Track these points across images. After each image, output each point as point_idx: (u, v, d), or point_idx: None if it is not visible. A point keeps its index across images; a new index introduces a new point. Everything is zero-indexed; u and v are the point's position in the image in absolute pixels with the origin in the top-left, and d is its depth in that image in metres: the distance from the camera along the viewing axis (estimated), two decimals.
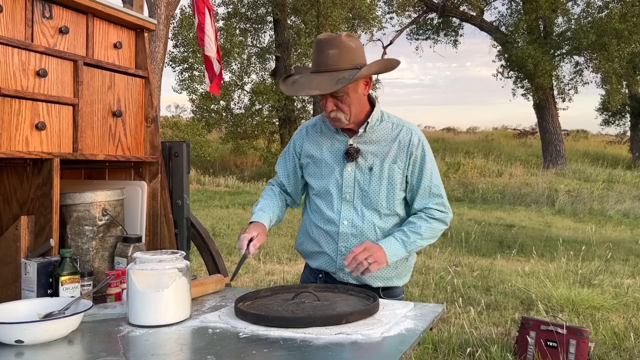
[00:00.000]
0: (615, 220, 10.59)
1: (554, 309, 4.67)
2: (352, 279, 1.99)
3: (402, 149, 1.96)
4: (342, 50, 1.84)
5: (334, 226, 1.99)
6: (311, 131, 2.09)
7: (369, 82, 1.94)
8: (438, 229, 1.97)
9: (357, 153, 1.96)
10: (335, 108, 1.90)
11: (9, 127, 1.79)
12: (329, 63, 1.84)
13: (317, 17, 17.65)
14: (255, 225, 1.95)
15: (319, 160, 2.03)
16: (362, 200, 1.97)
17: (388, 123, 2.00)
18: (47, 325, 1.45)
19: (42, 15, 1.91)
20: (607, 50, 16.61)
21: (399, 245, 1.90)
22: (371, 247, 1.85)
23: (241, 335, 1.51)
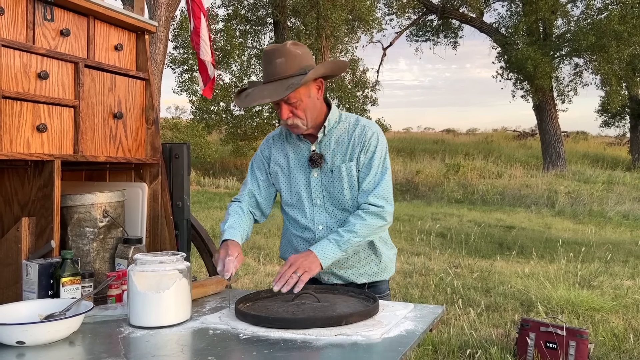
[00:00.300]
0: (614, 222, 10.60)
1: (553, 310, 4.68)
2: (335, 278, 2.03)
3: (356, 145, 1.97)
4: (288, 57, 1.87)
5: (310, 233, 2.02)
6: (277, 140, 2.10)
7: (321, 85, 1.95)
8: (374, 225, 1.92)
9: (321, 158, 1.98)
10: (291, 115, 1.91)
11: (10, 129, 1.79)
12: (277, 71, 1.87)
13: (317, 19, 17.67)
14: (233, 245, 1.86)
15: (286, 170, 2.06)
16: (332, 203, 2.00)
17: (345, 123, 2.02)
18: (48, 326, 1.45)
19: (43, 17, 1.92)
20: (607, 52, 16.62)
21: (332, 246, 1.86)
22: (296, 259, 1.81)
23: (242, 336, 1.51)
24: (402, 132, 32.29)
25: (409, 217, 10.55)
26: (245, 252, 7.20)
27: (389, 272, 2.11)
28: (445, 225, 9.44)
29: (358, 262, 2.03)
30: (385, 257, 2.08)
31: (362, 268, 2.04)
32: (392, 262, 2.13)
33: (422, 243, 8.03)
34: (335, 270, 2.02)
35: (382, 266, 2.08)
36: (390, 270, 2.12)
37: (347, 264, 2.02)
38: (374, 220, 1.92)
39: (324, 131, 1.99)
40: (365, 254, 2.04)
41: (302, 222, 2.04)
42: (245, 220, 2.02)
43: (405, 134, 30.12)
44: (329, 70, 1.95)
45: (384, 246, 2.09)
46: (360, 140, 1.97)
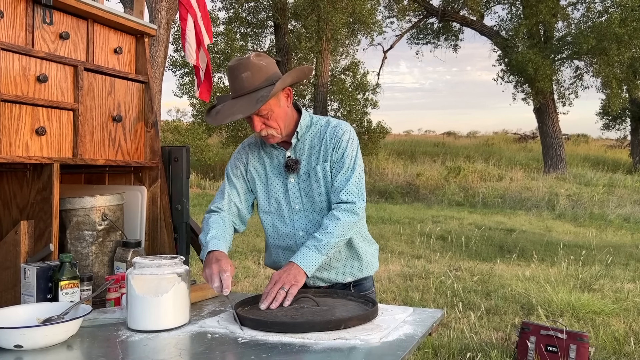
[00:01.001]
0: (615, 225, 10.59)
1: (554, 313, 4.67)
2: (320, 281, 2.04)
3: (329, 145, 1.98)
4: (253, 70, 1.87)
5: (291, 239, 2.02)
6: (253, 147, 2.10)
7: (290, 93, 1.96)
8: (348, 222, 1.91)
9: (296, 164, 1.99)
10: (264, 126, 1.92)
11: (9, 132, 1.79)
12: (244, 86, 1.87)
13: (318, 21, 17.68)
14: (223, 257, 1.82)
15: (263, 177, 2.06)
16: (311, 207, 2.00)
17: (317, 126, 2.04)
18: (46, 330, 1.45)
19: (42, 20, 1.92)
20: (607, 54, 16.63)
21: (312, 253, 1.85)
22: (279, 276, 1.80)
23: (240, 340, 1.51)
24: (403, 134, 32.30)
25: (409, 219, 10.54)
26: (245, 255, 7.19)
27: (372, 268, 2.12)
28: (446, 228, 9.43)
29: (340, 262, 2.04)
30: (366, 253, 2.09)
31: (345, 267, 2.05)
32: (375, 258, 2.15)
33: (422, 246, 8.02)
34: (319, 273, 2.01)
35: (366, 263, 2.09)
36: (373, 266, 2.13)
37: (329, 265, 2.02)
38: (347, 218, 1.90)
39: (297, 136, 2.00)
40: (346, 253, 2.04)
41: (281, 229, 2.04)
42: (228, 231, 1.99)
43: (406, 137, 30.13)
44: (295, 78, 1.96)
45: (364, 243, 2.09)
46: (332, 140, 1.98)
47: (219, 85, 19.06)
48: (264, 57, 1.93)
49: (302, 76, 2.01)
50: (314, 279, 2.04)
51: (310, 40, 18.31)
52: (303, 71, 2.00)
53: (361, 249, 2.07)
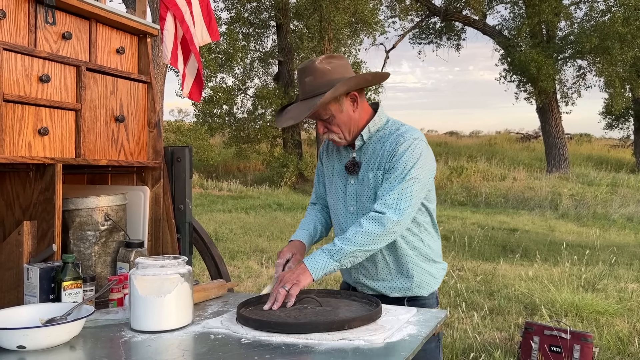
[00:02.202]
0: (619, 225, 10.56)
1: (557, 313, 4.65)
2: (367, 289, 2.00)
3: (386, 153, 1.90)
4: (316, 75, 1.86)
5: None
6: (329, 146, 2.12)
7: (356, 97, 1.91)
8: (371, 232, 1.78)
9: (355, 166, 1.97)
10: (327, 130, 1.93)
11: (12, 133, 1.79)
12: (306, 90, 1.88)
13: (320, 21, 17.67)
14: (291, 244, 1.97)
15: (331, 176, 2.08)
16: (364, 212, 1.95)
17: (385, 131, 1.95)
18: (49, 330, 1.45)
19: (45, 21, 1.92)
20: (610, 54, 16.58)
21: (324, 256, 1.78)
22: (284, 274, 1.79)
23: (243, 341, 1.50)
24: None
25: None
26: (247, 255, 7.20)
27: (428, 288, 1.99)
28: (449, 228, 9.41)
29: (388, 275, 1.96)
30: (422, 271, 1.96)
31: (392, 282, 1.96)
32: (434, 278, 2.00)
33: None
34: (366, 281, 1.99)
35: (418, 281, 1.96)
36: (429, 285, 1.99)
37: (377, 275, 1.97)
38: (371, 227, 1.78)
39: (362, 139, 1.96)
40: (395, 267, 1.96)
41: (337, 229, 2.06)
42: (319, 217, 2.14)
43: None
44: (353, 85, 1.87)
45: (421, 260, 1.97)
46: (390, 149, 1.89)
47: (221, 86, 19.07)
48: (333, 60, 1.89)
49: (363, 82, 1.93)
50: (362, 287, 2.00)
51: (313, 40, 18.29)
52: (365, 78, 1.93)
53: (414, 265, 1.96)
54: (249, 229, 9.24)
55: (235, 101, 19.59)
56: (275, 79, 20.04)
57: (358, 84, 1.90)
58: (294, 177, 17.81)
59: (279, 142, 20.02)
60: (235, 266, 6.63)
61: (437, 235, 2.07)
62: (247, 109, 19.89)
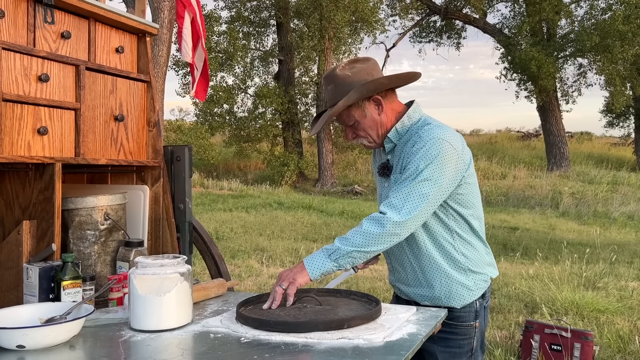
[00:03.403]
0: (619, 223, 10.55)
1: (558, 312, 4.65)
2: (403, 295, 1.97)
3: (406, 155, 1.84)
4: (336, 82, 1.85)
5: None
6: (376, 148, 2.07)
7: (379, 100, 1.86)
8: (370, 232, 1.72)
9: (387, 169, 1.94)
10: (355, 135, 1.93)
11: (11, 132, 1.79)
12: (329, 98, 1.89)
13: (320, 20, 17.66)
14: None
15: (373, 175, 2.06)
16: None
17: (415, 132, 1.85)
18: (49, 330, 1.44)
19: (44, 20, 1.91)
20: (611, 52, 16.57)
21: (322, 256, 1.74)
22: (283, 272, 1.79)
23: (243, 340, 1.50)
24: None
25: None
26: (248, 255, 7.20)
27: (458, 300, 1.85)
28: None
29: (416, 282, 1.90)
30: (449, 280, 1.85)
31: (418, 289, 1.90)
32: (467, 289, 1.86)
33: None
34: (400, 285, 1.97)
35: (444, 291, 1.85)
36: (461, 297, 1.85)
37: (407, 280, 1.93)
38: (370, 228, 1.72)
39: (391, 141, 1.90)
40: (422, 274, 1.88)
41: None
42: None
43: None
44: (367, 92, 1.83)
45: (451, 267, 1.85)
46: (408, 149, 1.83)
47: (222, 85, 19.06)
48: (356, 64, 1.86)
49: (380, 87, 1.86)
50: (399, 291, 1.99)
51: (313, 38, 18.28)
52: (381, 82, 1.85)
53: (441, 274, 1.85)
54: (250, 228, 9.24)
55: (235, 100, 19.59)
56: (275, 78, 20.03)
57: (374, 89, 1.84)
58: (295, 176, 17.81)
59: (279, 141, 20.02)
60: (235, 265, 6.63)
61: (480, 243, 1.92)
62: (248, 107, 19.90)
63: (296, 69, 19.97)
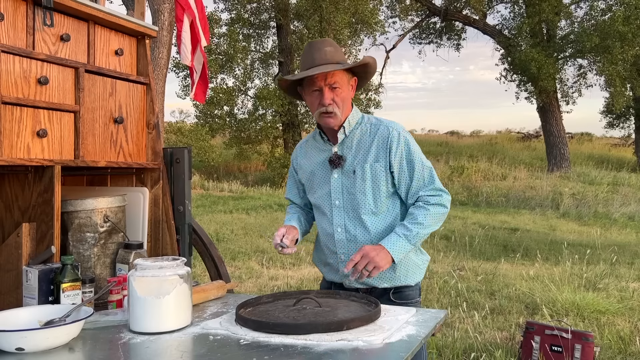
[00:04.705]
0: (620, 224, 10.54)
1: (558, 313, 4.65)
2: (358, 284, 2.04)
3: (382, 146, 2.00)
4: (335, 47, 2.00)
5: (329, 236, 2.07)
6: (304, 146, 2.20)
7: (354, 85, 2.05)
8: (438, 213, 1.99)
9: (340, 159, 2.03)
10: (332, 102, 1.97)
11: (10, 135, 1.79)
12: (327, 57, 1.96)
13: (320, 22, 17.67)
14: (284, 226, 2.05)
15: (310, 173, 2.13)
16: (351, 204, 2.03)
17: (367, 125, 2.06)
18: (48, 332, 1.44)
19: (43, 22, 1.92)
20: (611, 53, 16.56)
21: (402, 241, 1.93)
22: (369, 252, 1.88)
23: (242, 342, 1.50)
24: None
25: None
26: (248, 256, 7.19)
27: (412, 278, 2.07)
28: (450, 227, 9.40)
29: None
30: (407, 260, 2.04)
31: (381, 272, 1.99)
32: (419, 268, 2.10)
33: (426, 245, 8.00)
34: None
35: (403, 271, 2.04)
36: (414, 275, 2.08)
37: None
38: (436, 209, 1.97)
39: (344, 132, 2.04)
40: None
41: (323, 224, 2.10)
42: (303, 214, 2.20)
43: None
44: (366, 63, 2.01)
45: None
46: (385, 141, 2.00)
47: (222, 87, 19.07)
48: None
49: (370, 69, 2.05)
50: (351, 280, 2.02)
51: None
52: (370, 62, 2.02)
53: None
54: (250, 229, 9.24)
55: (236, 102, 19.59)
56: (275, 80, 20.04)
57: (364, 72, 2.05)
58: None
59: (279, 143, 20.02)
60: (236, 267, 6.63)
61: None
62: (248, 109, 19.90)
63: (296, 71, 19.98)
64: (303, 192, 2.23)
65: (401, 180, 2.02)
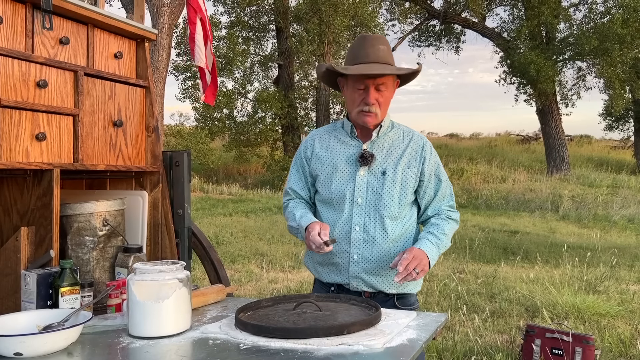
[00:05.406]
0: (620, 226, 10.54)
1: (559, 316, 4.64)
2: (364, 285, 1.99)
3: (415, 155, 2.03)
4: (388, 47, 1.98)
5: (345, 233, 1.99)
6: (323, 137, 2.12)
7: (395, 87, 2.05)
8: (454, 229, 2.07)
9: (372, 157, 2.00)
10: (376, 102, 1.95)
11: (9, 138, 1.79)
12: (380, 55, 1.94)
13: (320, 25, 17.69)
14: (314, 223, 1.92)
15: (331, 166, 2.04)
16: (374, 205, 1.99)
17: (398, 131, 2.09)
18: (46, 337, 1.44)
19: (42, 26, 1.91)
20: (610, 55, 16.58)
21: (435, 249, 1.95)
22: (418, 255, 1.88)
23: (242, 346, 1.49)
24: None
25: None
26: (248, 259, 7.18)
27: (416, 286, 2.09)
28: None
29: (390, 270, 1.97)
30: None
31: (390, 277, 1.99)
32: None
33: None
34: (366, 277, 1.98)
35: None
36: (418, 283, 2.10)
37: (379, 271, 1.98)
38: (455, 225, 2.07)
39: (379, 132, 2.03)
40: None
41: (336, 222, 2.00)
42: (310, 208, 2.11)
43: None
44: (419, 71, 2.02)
45: None
46: (419, 150, 2.04)
47: (222, 89, 19.08)
48: None
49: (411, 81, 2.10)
50: (359, 282, 1.99)
51: (312, 43, 18.31)
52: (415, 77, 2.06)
53: None
54: (250, 232, 9.23)
55: (235, 105, 19.60)
56: (275, 83, 20.05)
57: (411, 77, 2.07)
58: None
59: (279, 145, 20.02)
60: (235, 270, 6.62)
61: None
62: (248, 112, 19.91)
63: (295, 74, 20.00)
64: (312, 185, 2.12)
65: (426, 192, 2.05)
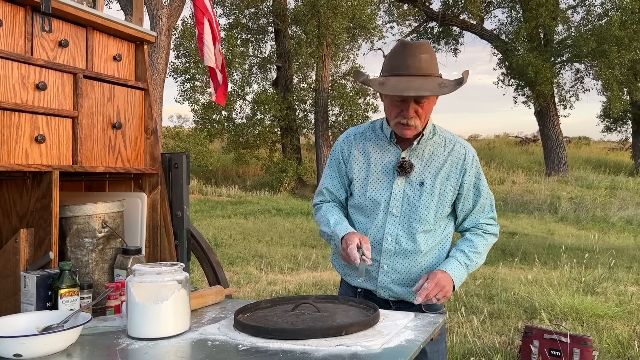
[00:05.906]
0: (618, 227, 10.56)
1: (557, 317, 4.65)
2: (392, 296, 1.96)
3: (456, 166, 1.92)
4: (431, 55, 1.83)
5: (377, 242, 1.93)
6: (359, 139, 2.00)
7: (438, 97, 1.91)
8: (491, 243, 1.99)
9: (411, 168, 1.90)
10: (415, 115, 1.84)
11: (9, 140, 1.79)
12: (422, 66, 1.80)
13: (318, 27, 17.70)
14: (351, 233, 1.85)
15: (368, 171, 1.95)
16: (408, 216, 1.90)
17: (440, 138, 1.96)
18: (46, 338, 1.44)
19: (41, 28, 1.92)
20: (608, 57, 16.61)
21: (463, 270, 1.90)
22: (441, 281, 1.82)
23: (240, 347, 1.50)
24: None
25: None
26: (246, 261, 7.19)
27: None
28: None
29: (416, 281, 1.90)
30: None
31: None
32: None
33: None
34: (393, 286, 1.94)
35: None
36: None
37: (408, 282, 1.93)
38: (492, 240, 1.98)
39: (419, 140, 1.92)
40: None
41: (369, 229, 1.93)
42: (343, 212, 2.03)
43: None
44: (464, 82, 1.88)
45: None
46: (460, 161, 1.92)
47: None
48: None
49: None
50: (386, 291, 1.95)
51: (311, 45, 18.32)
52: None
53: None
54: (248, 234, 9.23)
55: (234, 107, 19.60)
56: (273, 85, 20.06)
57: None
58: (293, 182, 17.80)
59: (278, 147, 20.02)
60: (234, 272, 6.62)
61: None
62: (246, 114, 19.91)
63: (294, 76, 20.01)
64: (348, 186, 2.02)
65: (464, 204, 1.96)
